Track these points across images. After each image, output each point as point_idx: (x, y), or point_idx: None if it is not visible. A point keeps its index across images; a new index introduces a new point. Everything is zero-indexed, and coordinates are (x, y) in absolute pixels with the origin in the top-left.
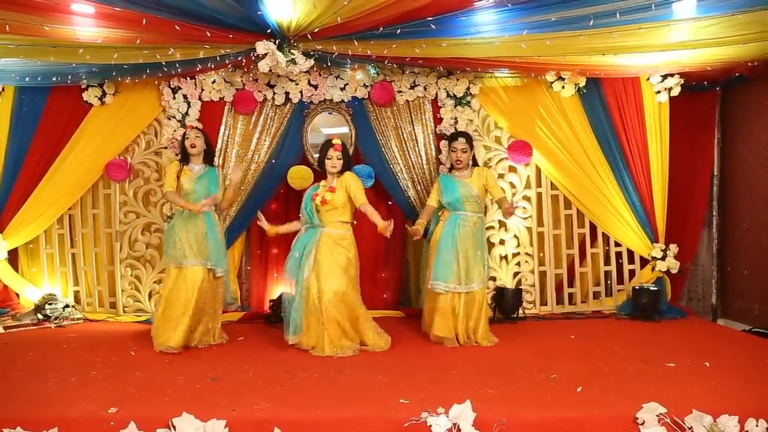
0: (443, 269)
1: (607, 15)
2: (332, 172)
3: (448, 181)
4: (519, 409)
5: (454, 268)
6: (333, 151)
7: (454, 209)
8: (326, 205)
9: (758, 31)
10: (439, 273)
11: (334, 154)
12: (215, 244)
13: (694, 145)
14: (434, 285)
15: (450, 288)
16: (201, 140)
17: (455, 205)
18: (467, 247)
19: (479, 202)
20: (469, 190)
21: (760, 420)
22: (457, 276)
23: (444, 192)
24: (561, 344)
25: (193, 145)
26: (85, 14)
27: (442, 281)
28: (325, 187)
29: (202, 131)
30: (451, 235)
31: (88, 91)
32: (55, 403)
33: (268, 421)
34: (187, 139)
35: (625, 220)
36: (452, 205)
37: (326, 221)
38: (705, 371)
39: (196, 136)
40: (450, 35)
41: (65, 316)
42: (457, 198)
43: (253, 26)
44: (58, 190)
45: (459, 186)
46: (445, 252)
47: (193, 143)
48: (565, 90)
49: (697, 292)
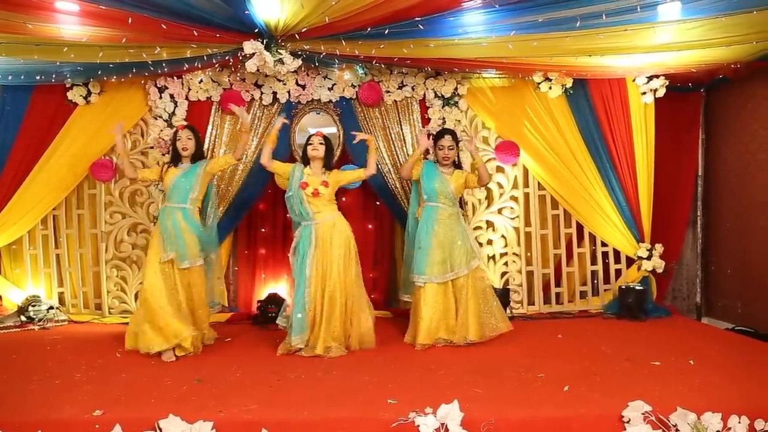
0: (423, 261)
1: (594, 16)
2: (314, 156)
3: (431, 168)
4: (507, 409)
5: (435, 259)
6: (314, 137)
7: (428, 199)
8: (318, 197)
9: (741, 34)
10: (420, 266)
11: (315, 140)
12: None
13: (679, 146)
14: (415, 279)
15: (434, 279)
16: (192, 142)
17: (430, 194)
18: (446, 237)
19: (453, 199)
20: (446, 186)
21: (742, 417)
22: (440, 266)
23: (424, 175)
24: (548, 344)
25: (184, 148)
26: (70, 12)
27: (421, 273)
28: (311, 175)
29: (193, 130)
30: (428, 227)
31: (73, 90)
32: (38, 407)
33: (256, 422)
34: (179, 140)
35: (612, 220)
36: (427, 193)
37: (316, 211)
38: (689, 369)
39: (188, 138)
40: (438, 36)
41: (49, 318)
42: (432, 188)
43: (241, 26)
44: (42, 191)
45: (437, 178)
46: (425, 244)
47: (185, 146)
48: (552, 91)
49: (681, 291)
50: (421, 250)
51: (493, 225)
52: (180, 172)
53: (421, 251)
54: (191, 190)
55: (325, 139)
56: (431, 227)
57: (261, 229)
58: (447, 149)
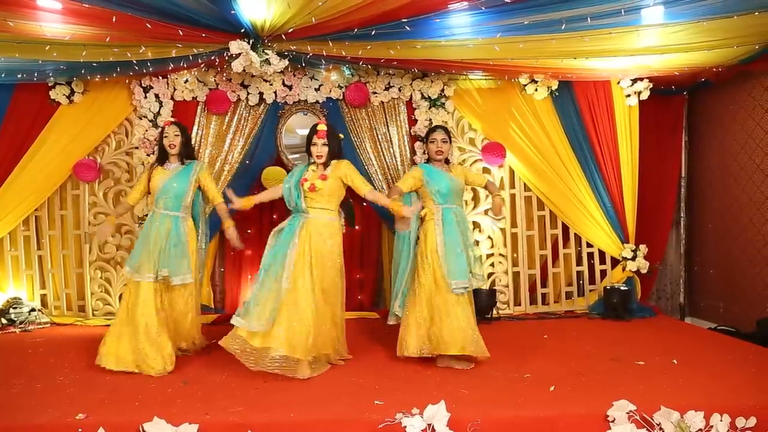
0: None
1: (579, 19)
2: (318, 162)
3: (433, 170)
4: (493, 409)
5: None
6: (317, 138)
7: (444, 202)
8: (314, 192)
9: (722, 38)
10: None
11: (318, 141)
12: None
13: (663, 148)
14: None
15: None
16: (180, 139)
17: (447, 196)
18: (465, 243)
19: (462, 196)
20: (458, 182)
21: (724, 415)
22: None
23: (431, 181)
24: (534, 344)
25: (172, 146)
26: (53, 10)
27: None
28: (315, 172)
29: (180, 126)
30: (453, 231)
31: (56, 89)
32: (20, 411)
33: (242, 424)
34: (166, 137)
35: (597, 221)
36: (443, 197)
37: (311, 207)
38: (673, 369)
39: (175, 135)
40: (425, 37)
41: (31, 320)
42: (448, 188)
43: (227, 25)
44: (23, 191)
45: (446, 177)
46: (456, 248)
47: (172, 143)
48: (538, 93)
49: (665, 292)
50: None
51: (480, 226)
52: (170, 173)
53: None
54: (185, 196)
55: (327, 137)
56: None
57: (247, 231)
58: (440, 142)
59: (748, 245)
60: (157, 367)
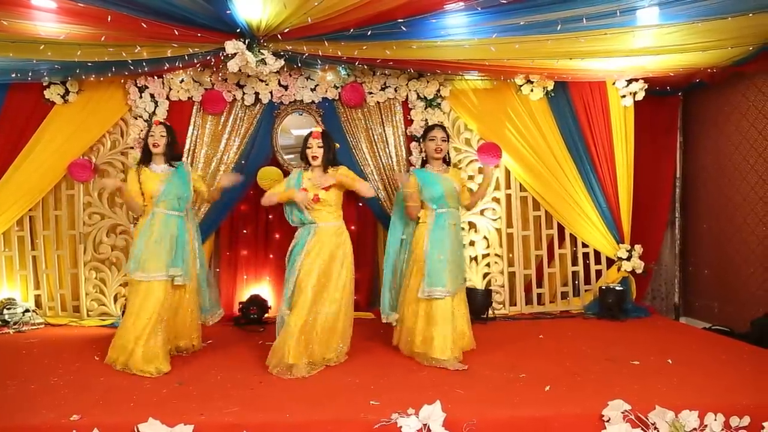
0: (440, 273)
1: (574, 20)
2: (314, 164)
3: (426, 175)
4: (488, 409)
5: (450, 270)
6: (312, 139)
7: (437, 206)
8: (319, 203)
9: (717, 39)
10: (437, 278)
11: (313, 142)
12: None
13: (658, 149)
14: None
15: (449, 292)
16: (165, 139)
17: (439, 201)
18: (455, 247)
19: (458, 198)
20: (451, 184)
21: (718, 414)
22: (452, 278)
23: (424, 187)
24: (530, 344)
25: (155, 145)
26: (47, 9)
27: (441, 286)
28: (310, 180)
29: (168, 127)
30: (443, 236)
31: (50, 88)
32: (14, 412)
33: (238, 425)
34: (152, 136)
35: (592, 222)
36: (435, 201)
37: (319, 217)
38: (668, 368)
39: (161, 135)
40: (420, 37)
41: (25, 321)
42: (441, 193)
43: (223, 25)
44: (17, 191)
45: (440, 180)
46: (440, 254)
47: (156, 142)
48: (534, 93)
49: (660, 292)
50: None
51: (476, 226)
52: (164, 176)
53: (435, 263)
54: (188, 199)
55: (323, 138)
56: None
57: (243, 231)
58: (439, 140)
59: (742, 246)
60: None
